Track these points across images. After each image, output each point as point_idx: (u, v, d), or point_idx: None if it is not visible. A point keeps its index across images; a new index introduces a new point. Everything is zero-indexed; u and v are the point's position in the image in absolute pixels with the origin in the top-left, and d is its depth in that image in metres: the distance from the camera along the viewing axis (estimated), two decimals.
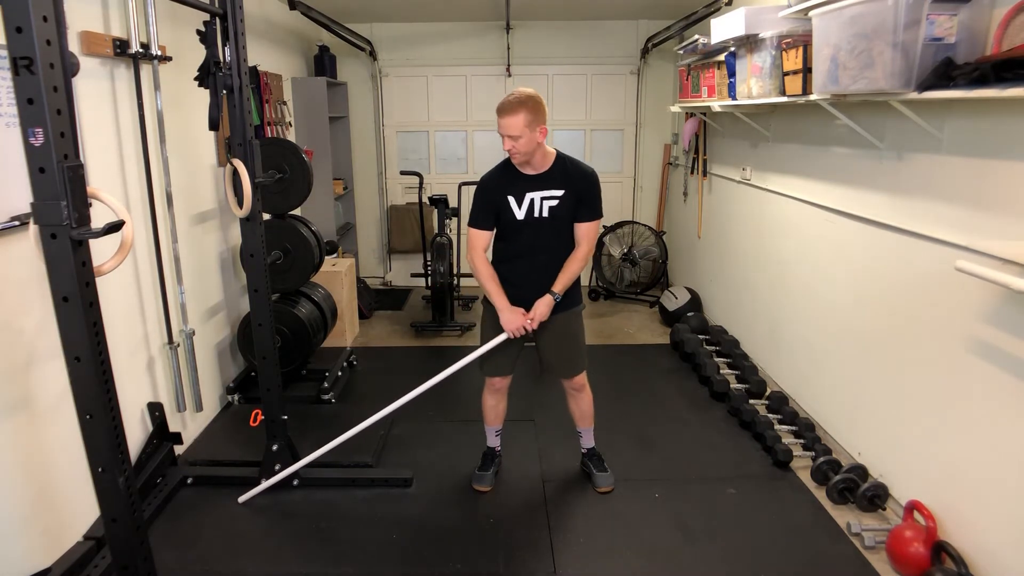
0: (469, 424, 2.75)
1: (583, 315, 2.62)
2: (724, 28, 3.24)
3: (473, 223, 2.43)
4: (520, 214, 2.40)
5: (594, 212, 2.44)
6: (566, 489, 2.70)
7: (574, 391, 2.64)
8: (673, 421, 3.29)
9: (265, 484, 2.58)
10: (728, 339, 4.05)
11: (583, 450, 2.78)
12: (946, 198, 2.22)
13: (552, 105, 5.64)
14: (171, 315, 2.84)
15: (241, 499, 2.58)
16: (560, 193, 2.38)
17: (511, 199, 2.39)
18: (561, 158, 2.40)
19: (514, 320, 2.40)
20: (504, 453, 2.90)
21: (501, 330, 2.45)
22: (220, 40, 2.25)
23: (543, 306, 2.42)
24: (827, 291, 3.03)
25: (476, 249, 2.44)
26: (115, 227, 1.37)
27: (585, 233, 2.45)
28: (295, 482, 2.66)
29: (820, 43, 2.42)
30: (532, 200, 2.39)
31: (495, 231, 2.47)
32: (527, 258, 2.46)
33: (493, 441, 2.76)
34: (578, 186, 2.39)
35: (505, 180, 2.39)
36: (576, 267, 2.46)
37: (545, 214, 2.40)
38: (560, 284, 2.43)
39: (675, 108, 4.73)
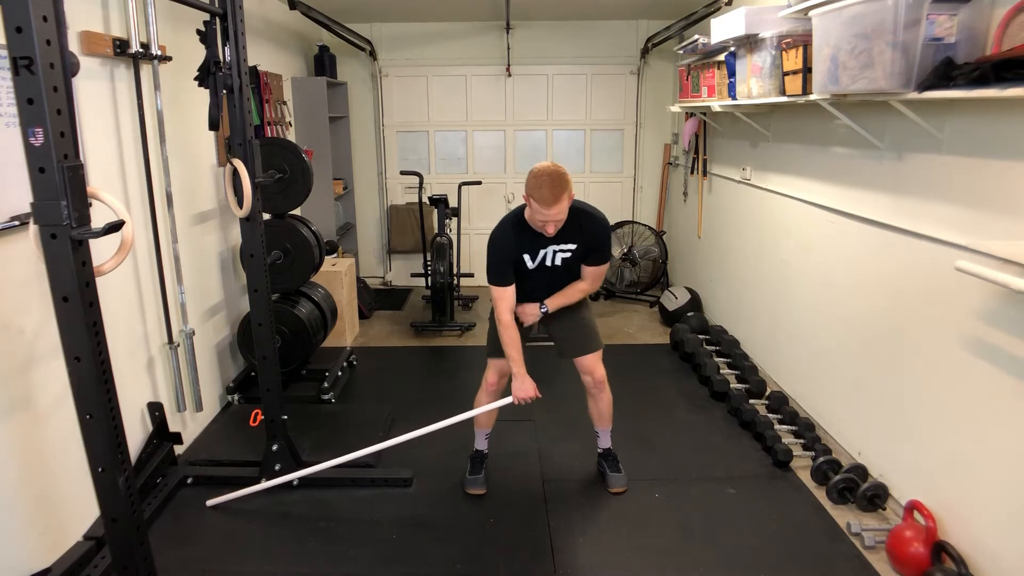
0: (468, 424, 2.75)
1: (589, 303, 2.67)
2: (724, 28, 3.24)
3: (495, 282, 2.39)
4: (532, 265, 2.44)
5: (603, 258, 2.50)
6: (566, 489, 2.70)
7: (595, 390, 2.62)
8: (673, 421, 3.29)
9: (234, 494, 2.56)
10: (728, 339, 4.05)
11: (599, 450, 2.78)
12: (946, 198, 2.22)
13: (552, 105, 5.65)
14: (171, 315, 2.84)
15: (210, 503, 2.55)
16: (574, 247, 2.43)
17: (526, 256, 2.42)
18: (575, 212, 2.35)
19: (525, 390, 2.40)
20: (504, 453, 2.90)
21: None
22: (220, 40, 2.25)
23: (529, 309, 2.50)
24: (827, 291, 3.03)
25: (505, 310, 2.39)
26: (115, 227, 1.37)
27: (591, 273, 2.52)
28: (295, 482, 2.66)
29: (820, 43, 2.42)
30: (545, 254, 2.43)
31: None
32: (533, 293, 2.52)
33: (482, 444, 2.76)
34: (591, 240, 2.44)
35: (520, 240, 2.39)
36: (575, 295, 2.52)
37: (558, 263, 2.46)
38: (555, 303, 2.51)
39: (675, 108, 4.73)
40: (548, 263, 2.45)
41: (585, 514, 2.54)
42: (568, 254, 2.44)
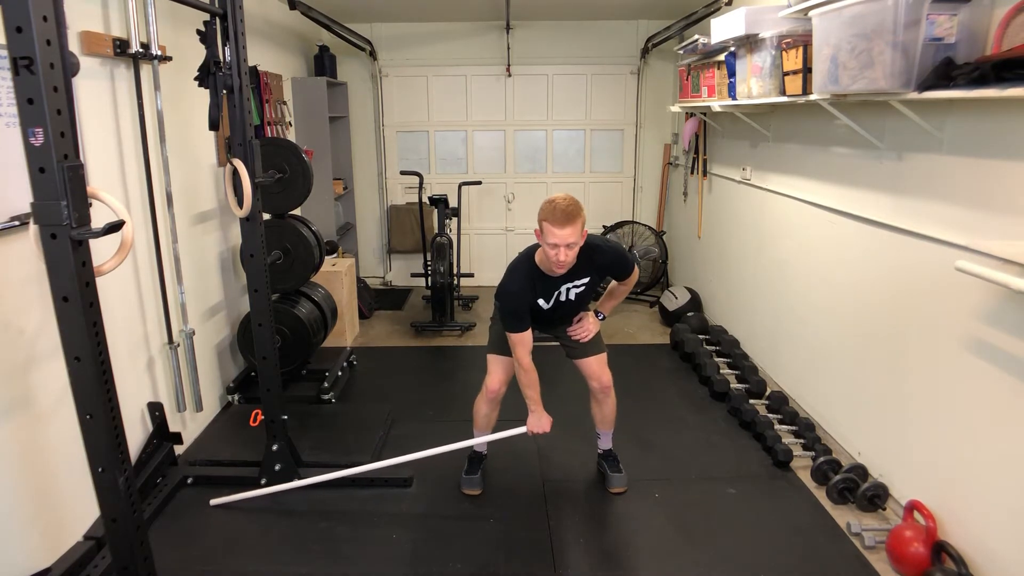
0: (468, 424, 2.75)
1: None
2: (724, 28, 3.24)
3: (512, 329, 2.35)
4: (547, 306, 2.45)
5: (627, 271, 2.50)
6: (566, 489, 2.70)
7: (601, 395, 2.63)
8: (673, 421, 3.29)
9: (238, 496, 2.57)
10: (728, 339, 4.05)
11: (600, 451, 2.79)
12: (946, 198, 2.22)
13: (552, 105, 5.65)
14: (171, 315, 2.84)
15: (213, 502, 2.56)
16: (587, 279, 2.44)
17: (540, 300, 2.43)
18: (585, 247, 2.33)
19: (541, 425, 2.45)
20: (504, 453, 2.90)
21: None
22: (220, 40, 2.25)
23: (591, 322, 2.55)
24: (827, 291, 3.03)
25: (524, 354, 2.38)
26: (115, 227, 1.37)
27: (628, 280, 2.56)
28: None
29: (820, 43, 2.42)
30: (559, 293, 2.43)
31: None
32: (546, 324, 2.59)
33: (480, 445, 2.76)
34: (605, 267, 2.45)
35: (534, 288, 2.38)
36: (622, 294, 2.59)
37: (571, 298, 2.47)
38: (608, 307, 2.58)
39: (675, 108, 4.73)
40: (562, 299, 2.46)
41: (585, 514, 2.54)
42: (582, 287, 2.45)
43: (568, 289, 2.43)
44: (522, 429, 2.46)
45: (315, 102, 4.67)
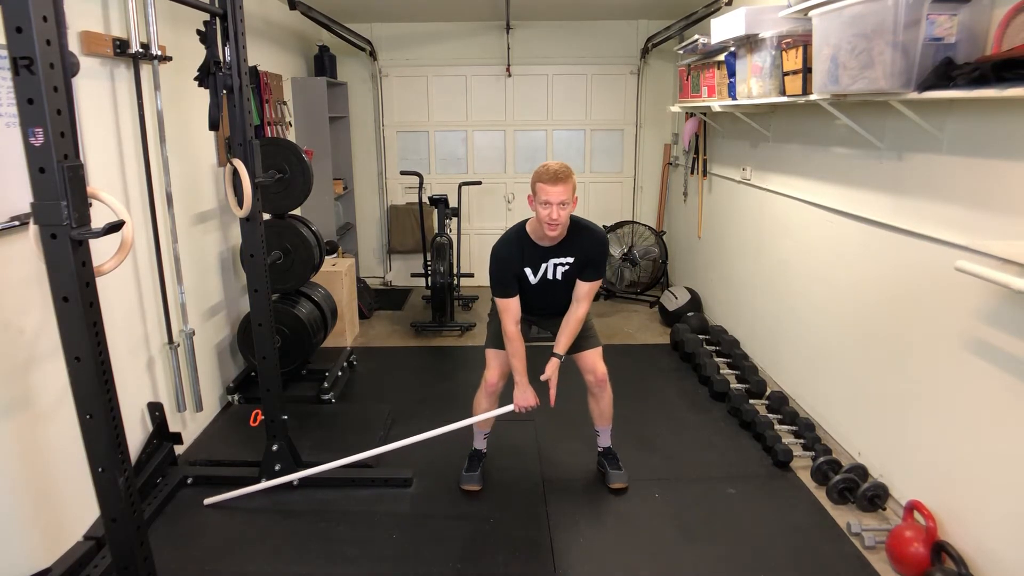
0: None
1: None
2: (724, 28, 3.24)
3: (499, 294, 2.45)
4: (535, 280, 2.49)
5: (599, 273, 2.51)
6: (566, 489, 2.70)
7: (597, 389, 2.64)
8: (673, 421, 3.29)
9: (232, 493, 2.57)
10: (728, 339, 4.05)
11: (599, 448, 2.79)
12: (946, 198, 2.22)
13: (552, 105, 5.65)
14: (171, 315, 2.84)
15: (207, 501, 2.56)
16: (572, 259, 2.47)
17: (528, 270, 2.47)
18: (575, 225, 2.42)
19: (527, 399, 2.48)
20: (504, 452, 2.91)
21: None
22: (220, 40, 2.25)
23: (552, 370, 2.50)
24: (827, 291, 3.03)
25: (510, 321, 2.44)
26: (115, 227, 1.37)
27: (586, 293, 2.51)
28: (295, 482, 2.66)
29: (820, 43, 2.43)
30: (546, 268, 2.47)
31: None
32: (535, 305, 2.57)
33: (480, 444, 2.77)
34: (589, 253, 2.46)
35: (522, 254, 2.44)
36: (576, 327, 2.52)
37: (558, 277, 2.50)
38: (562, 345, 2.52)
39: (675, 108, 4.73)
40: (549, 276, 2.49)
41: (585, 514, 2.54)
42: (567, 267, 2.48)
43: (555, 266, 2.47)
44: (509, 407, 2.50)
45: (315, 102, 4.67)
